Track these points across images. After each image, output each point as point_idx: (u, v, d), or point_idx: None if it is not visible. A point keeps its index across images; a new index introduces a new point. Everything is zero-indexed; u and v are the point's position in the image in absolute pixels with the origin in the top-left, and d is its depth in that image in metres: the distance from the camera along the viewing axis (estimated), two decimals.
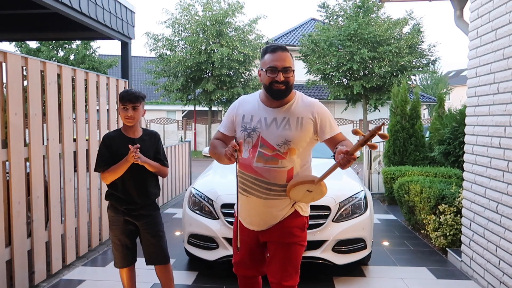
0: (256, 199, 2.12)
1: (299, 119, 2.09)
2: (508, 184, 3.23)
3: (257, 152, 2.07)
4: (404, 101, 7.60)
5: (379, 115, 19.97)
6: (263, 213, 2.15)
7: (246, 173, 2.11)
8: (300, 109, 2.12)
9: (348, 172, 4.42)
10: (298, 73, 21.79)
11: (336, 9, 17.46)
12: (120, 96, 2.67)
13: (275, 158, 2.07)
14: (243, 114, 2.16)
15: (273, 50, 2.06)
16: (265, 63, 2.07)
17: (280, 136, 2.06)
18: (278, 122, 2.08)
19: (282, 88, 2.04)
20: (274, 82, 2.03)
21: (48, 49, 17.46)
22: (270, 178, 2.08)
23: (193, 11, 17.55)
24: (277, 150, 2.06)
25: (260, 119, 2.10)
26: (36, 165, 3.47)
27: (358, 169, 9.71)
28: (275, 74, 2.02)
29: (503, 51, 3.32)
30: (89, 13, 4.35)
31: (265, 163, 2.07)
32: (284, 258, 2.17)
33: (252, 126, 2.10)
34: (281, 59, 2.04)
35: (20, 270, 3.26)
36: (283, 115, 2.10)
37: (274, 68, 2.03)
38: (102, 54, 23.08)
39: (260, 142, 2.07)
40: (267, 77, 2.05)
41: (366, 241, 3.68)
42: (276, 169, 2.07)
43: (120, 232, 2.73)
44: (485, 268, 3.57)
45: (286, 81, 2.03)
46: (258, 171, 2.08)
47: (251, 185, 2.11)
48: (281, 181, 2.09)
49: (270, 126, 2.08)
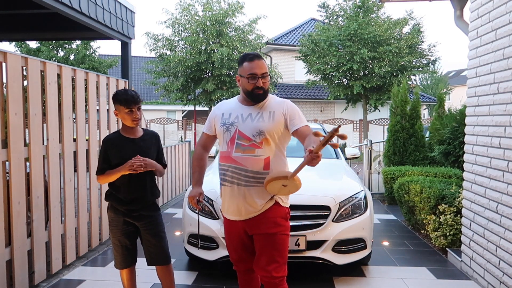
0: (237, 187, 2.30)
1: (271, 113, 2.34)
2: (508, 184, 3.23)
3: (235, 143, 2.30)
4: (404, 101, 7.60)
5: (379, 115, 19.97)
6: (245, 200, 2.30)
7: (226, 164, 2.33)
8: (273, 105, 2.38)
9: (348, 172, 4.42)
10: (298, 73, 21.89)
11: (336, 9, 17.43)
12: (121, 100, 2.59)
13: (251, 147, 2.28)
14: (223, 112, 2.42)
15: (251, 59, 2.30)
16: (244, 71, 2.31)
17: (255, 127, 2.30)
18: (253, 116, 2.33)
19: (261, 93, 2.31)
20: (255, 88, 2.29)
21: (48, 49, 17.44)
22: (249, 165, 2.27)
23: (193, 11, 17.52)
24: (253, 141, 2.28)
25: (237, 115, 2.35)
26: (36, 165, 3.47)
27: (358, 169, 9.71)
28: (255, 80, 2.28)
29: (503, 51, 3.32)
30: (89, 13, 4.35)
31: (243, 152, 2.28)
32: (272, 248, 2.30)
33: (230, 121, 2.35)
34: (259, 67, 2.29)
35: (20, 270, 3.26)
36: (257, 110, 2.36)
37: (255, 75, 2.28)
38: (102, 54, 23.08)
39: (238, 134, 2.30)
40: (248, 83, 2.29)
41: (366, 241, 3.68)
42: (254, 157, 2.28)
43: (120, 233, 2.73)
44: (485, 268, 3.57)
45: (263, 86, 2.30)
46: (238, 160, 2.28)
47: (232, 174, 2.30)
48: (259, 168, 2.28)
49: (246, 120, 2.33)
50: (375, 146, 8.76)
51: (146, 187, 2.72)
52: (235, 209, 2.34)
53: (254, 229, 2.35)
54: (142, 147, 2.69)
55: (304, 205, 3.54)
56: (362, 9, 16.59)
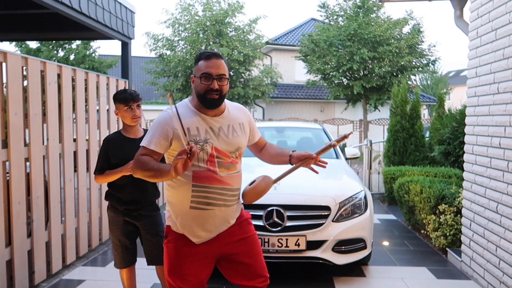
0: (218, 210, 2.02)
1: (241, 125, 2.12)
2: (508, 184, 3.23)
3: (216, 162, 1.99)
4: (404, 101, 7.59)
5: (379, 115, 19.96)
6: (226, 220, 2.08)
7: (210, 186, 1.98)
8: (237, 115, 2.13)
9: (348, 172, 4.42)
10: (298, 73, 21.89)
11: (336, 9, 17.43)
12: (121, 98, 2.64)
13: (233, 164, 2.06)
14: (187, 127, 1.95)
15: (208, 57, 1.97)
16: (199, 70, 1.97)
17: (232, 143, 2.04)
18: (225, 130, 2.04)
19: (215, 98, 1.96)
20: (209, 91, 1.94)
21: (48, 49, 17.44)
22: (234, 184, 2.06)
23: (193, 11, 17.53)
24: (232, 157, 2.05)
25: (207, 130, 1.99)
26: (36, 165, 3.47)
27: (358, 169, 9.71)
28: (210, 81, 1.94)
29: (503, 51, 3.32)
30: (89, 13, 4.35)
31: (228, 171, 2.03)
32: (258, 251, 2.17)
33: (202, 137, 1.97)
34: (216, 66, 1.95)
35: (20, 270, 3.26)
36: (226, 122, 2.06)
37: (209, 75, 1.94)
38: (102, 54, 23.07)
39: (215, 152, 1.99)
40: (201, 84, 1.95)
41: (366, 241, 3.68)
42: (236, 174, 2.08)
43: (119, 233, 2.74)
44: (485, 268, 3.57)
45: (220, 89, 1.96)
46: (224, 180, 2.01)
47: (216, 196, 2.00)
48: (239, 185, 2.11)
49: (219, 135, 2.01)
50: (375, 146, 8.77)
51: (147, 188, 2.73)
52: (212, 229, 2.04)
53: (228, 239, 2.09)
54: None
55: (304, 205, 3.55)
56: (362, 9, 16.58)
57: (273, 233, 3.41)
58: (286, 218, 3.44)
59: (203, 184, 1.98)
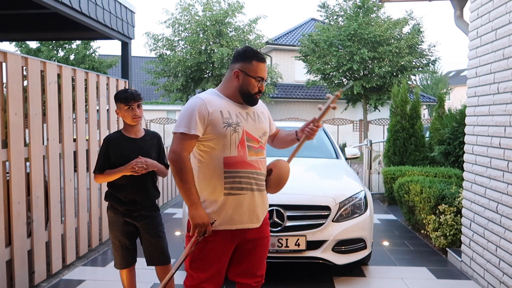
0: (257, 193, 2.12)
1: (263, 113, 2.27)
2: (508, 184, 3.23)
3: (247, 146, 2.09)
4: (404, 101, 7.60)
5: (379, 115, 19.95)
6: (263, 205, 2.18)
7: (241, 170, 2.06)
8: (257, 105, 2.26)
9: (348, 172, 4.41)
10: (298, 73, 21.87)
11: (336, 9, 17.44)
12: (121, 98, 2.64)
13: (261, 149, 2.17)
14: (220, 110, 2.06)
15: (262, 60, 2.13)
16: (254, 71, 2.10)
17: (260, 128, 2.17)
18: (251, 116, 2.17)
19: (258, 97, 2.19)
20: (258, 92, 2.14)
21: (48, 49, 17.43)
22: (262, 169, 2.16)
23: (193, 11, 17.53)
24: (261, 142, 2.17)
25: (237, 114, 2.11)
26: (36, 165, 3.47)
27: (358, 169, 9.70)
28: (261, 84, 2.14)
29: (503, 51, 3.32)
30: (89, 13, 4.35)
31: (257, 156, 2.13)
32: (266, 254, 2.25)
33: (234, 121, 2.07)
34: (266, 70, 2.16)
35: (20, 270, 3.26)
36: (251, 109, 2.20)
37: (262, 79, 2.13)
38: (102, 54, 23.05)
39: (246, 136, 2.10)
40: (253, 84, 2.11)
41: (366, 241, 3.67)
42: (264, 159, 2.19)
43: (119, 233, 2.73)
44: (485, 268, 3.57)
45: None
46: (254, 164, 2.10)
47: (247, 180, 2.08)
48: (265, 170, 2.20)
49: (247, 119, 2.14)
50: (375, 146, 8.76)
51: (147, 188, 2.72)
52: (254, 217, 2.12)
53: (256, 234, 2.17)
54: (143, 147, 2.70)
55: (304, 205, 3.55)
56: (362, 9, 16.59)
57: (273, 233, 3.41)
58: (286, 218, 3.44)
59: (233, 169, 2.06)
